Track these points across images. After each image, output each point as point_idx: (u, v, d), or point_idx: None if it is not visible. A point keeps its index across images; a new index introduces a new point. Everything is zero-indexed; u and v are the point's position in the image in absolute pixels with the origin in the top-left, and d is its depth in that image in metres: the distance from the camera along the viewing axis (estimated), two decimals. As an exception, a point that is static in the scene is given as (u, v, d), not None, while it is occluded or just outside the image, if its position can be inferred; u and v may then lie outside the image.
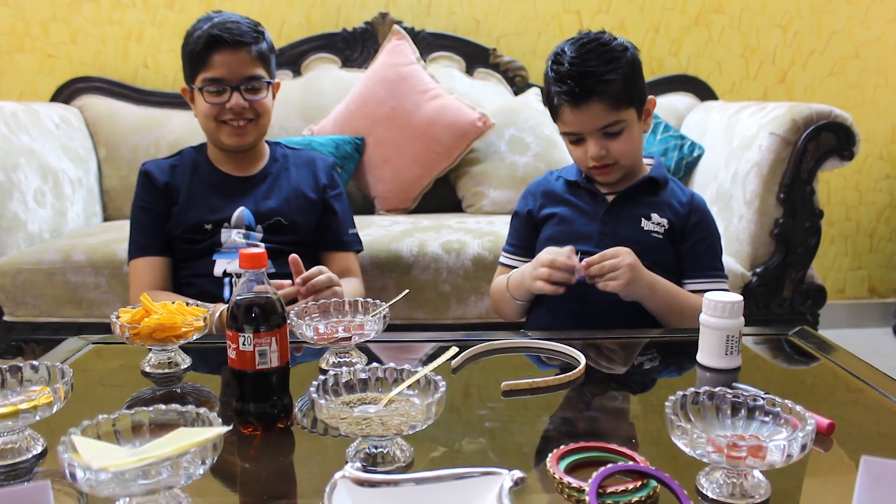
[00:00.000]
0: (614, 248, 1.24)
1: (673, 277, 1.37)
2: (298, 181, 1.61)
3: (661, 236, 1.36)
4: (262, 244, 1.52)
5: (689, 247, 1.37)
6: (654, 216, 1.37)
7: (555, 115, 1.36)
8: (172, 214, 1.54)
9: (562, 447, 0.77)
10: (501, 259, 1.51)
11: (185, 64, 1.52)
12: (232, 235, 1.52)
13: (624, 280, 1.21)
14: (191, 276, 1.53)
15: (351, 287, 1.56)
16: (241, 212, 1.54)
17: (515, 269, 1.40)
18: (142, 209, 1.56)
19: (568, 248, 1.27)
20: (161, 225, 1.54)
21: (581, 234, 1.37)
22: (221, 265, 1.51)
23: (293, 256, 1.34)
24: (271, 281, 0.90)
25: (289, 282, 1.34)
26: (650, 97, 1.37)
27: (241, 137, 1.51)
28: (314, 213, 1.60)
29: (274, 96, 1.58)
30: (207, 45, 1.45)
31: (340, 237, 1.64)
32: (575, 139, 1.35)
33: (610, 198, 1.39)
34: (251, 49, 1.48)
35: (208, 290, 1.50)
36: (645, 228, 1.36)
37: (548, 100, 1.36)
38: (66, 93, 2.58)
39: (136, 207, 1.57)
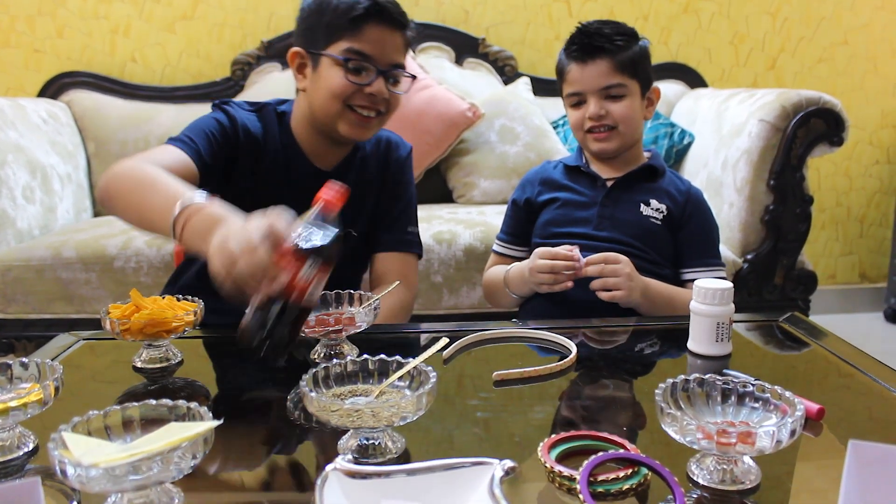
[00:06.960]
0: (615, 254, 1.25)
1: (670, 265, 1.38)
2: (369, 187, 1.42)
3: (659, 222, 1.37)
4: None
5: (686, 235, 1.38)
6: (653, 202, 1.38)
7: (562, 79, 1.40)
8: (240, 187, 1.29)
9: (553, 436, 0.77)
10: (495, 247, 1.52)
11: (320, 25, 1.24)
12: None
13: (626, 290, 1.24)
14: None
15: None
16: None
17: (513, 266, 1.40)
18: (210, 132, 1.26)
19: (566, 246, 1.28)
20: (217, 155, 1.26)
21: (580, 217, 1.37)
22: None
23: None
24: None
25: None
26: (655, 86, 1.40)
27: (363, 130, 1.29)
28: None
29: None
30: (367, 13, 1.21)
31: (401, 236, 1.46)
32: (576, 101, 1.38)
33: (609, 182, 1.40)
34: (406, 34, 1.27)
35: None
36: (644, 213, 1.37)
37: (558, 68, 1.40)
38: (53, 88, 2.56)
39: (208, 119, 1.29)
